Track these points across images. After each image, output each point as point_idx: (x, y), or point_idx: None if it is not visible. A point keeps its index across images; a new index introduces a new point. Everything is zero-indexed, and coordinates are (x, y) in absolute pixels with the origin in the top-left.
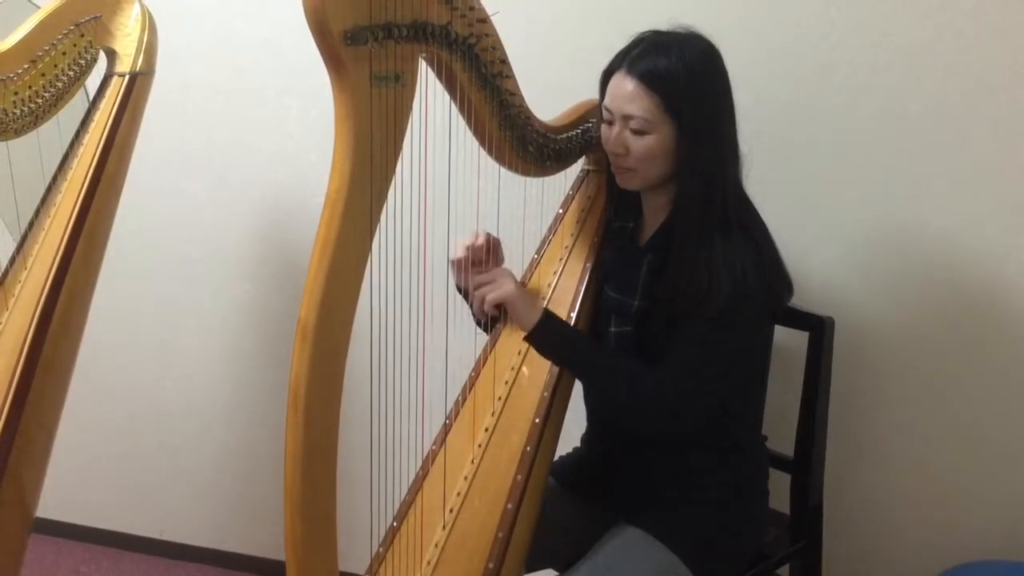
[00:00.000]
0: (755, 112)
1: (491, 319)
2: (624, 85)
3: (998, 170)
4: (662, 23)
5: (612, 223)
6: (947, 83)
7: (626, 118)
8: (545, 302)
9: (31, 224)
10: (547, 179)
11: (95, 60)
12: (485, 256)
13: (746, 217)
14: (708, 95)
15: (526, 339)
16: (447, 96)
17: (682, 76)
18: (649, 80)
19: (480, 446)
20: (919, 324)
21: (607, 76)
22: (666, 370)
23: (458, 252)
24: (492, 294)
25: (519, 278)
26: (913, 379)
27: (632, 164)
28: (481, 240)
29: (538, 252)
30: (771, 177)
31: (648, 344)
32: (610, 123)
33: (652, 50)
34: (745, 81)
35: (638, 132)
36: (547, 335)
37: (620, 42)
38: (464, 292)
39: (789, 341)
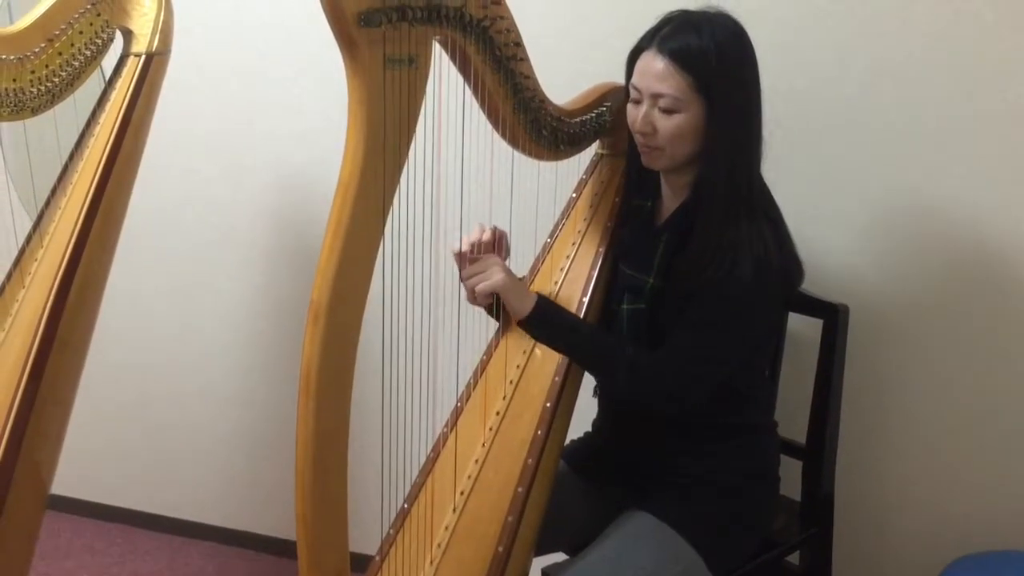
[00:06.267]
0: (772, 99)
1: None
2: (654, 64)
3: (1017, 158)
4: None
5: (630, 202)
6: (966, 70)
7: (655, 97)
8: (558, 287)
9: (47, 203)
10: (561, 163)
11: (111, 40)
12: (491, 250)
13: (764, 200)
14: (738, 75)
15: (520, 325)
16: (461, 79)
17: (713, 55)
18: (680, 59)
19: (491, 429)
20: (934, 313)
21: (635, 55)
22: (667, 351)
23: (462, 246)
24: (482, 284)
25: (532, 262)
26: (927, 368)
27: (660, 143)
28: (487, 236)
29: (551, 236)
30: (788, 164)
31: (660, 323)
32: (637, 102)
33: (682, 29)
34: (763, 68)
35: (667, 111)
36: (542, 321)
37: (636, 26)
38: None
39: (803, 328)
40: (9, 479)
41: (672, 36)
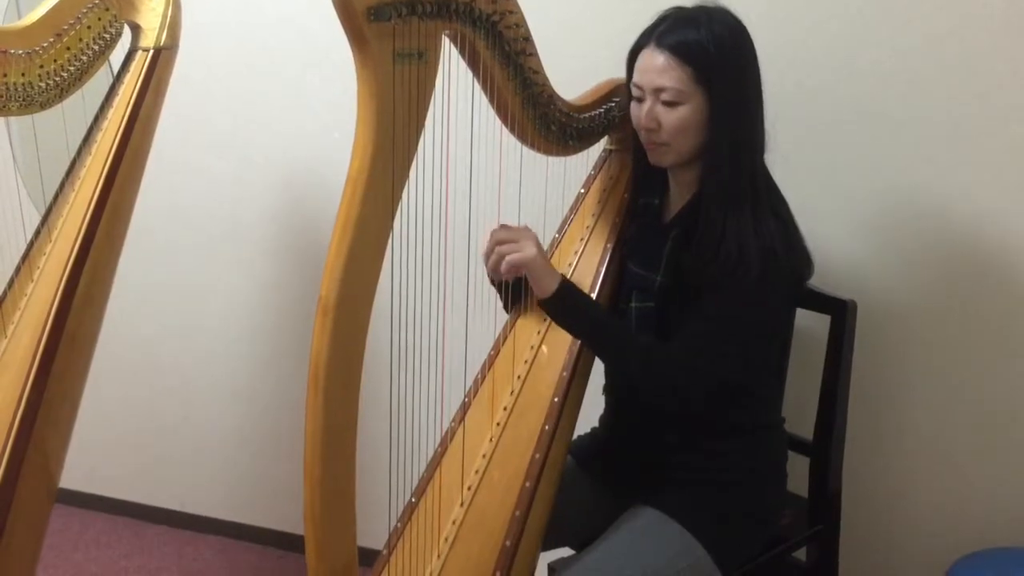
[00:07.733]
0: (780, 95)
1: (510, 294)
2: (655, 59)
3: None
4: (687, 4)
5: (638, 200)
6: (973, 69)
7: (657, 91)
8: None
9: (56, 197)
10: (569, 158)
11: (120, 34)
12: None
13: (771, 194)
14: (737, 66)
15: (541, 304)
16: (470, 74)
17: (712, 47)
18: (680, 52)
19: (498, 424)
20: (942, 309)
21: (634, 54)
22: (680, 344)
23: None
24: (512, 256)
25: None
26: (934, 364)
27: (665, 138)
28: None
29: (559, 232)
30: (796, 160)
31: (669, 320)
32: (640, 100)
33: (680, 24)
34: (773, 66)
35: (670, 104)
36: (563, 303)
37: (645, 22)
38: (497, 284)
39: (811, 324)
40: (18, 472)
41: (670, 31)
